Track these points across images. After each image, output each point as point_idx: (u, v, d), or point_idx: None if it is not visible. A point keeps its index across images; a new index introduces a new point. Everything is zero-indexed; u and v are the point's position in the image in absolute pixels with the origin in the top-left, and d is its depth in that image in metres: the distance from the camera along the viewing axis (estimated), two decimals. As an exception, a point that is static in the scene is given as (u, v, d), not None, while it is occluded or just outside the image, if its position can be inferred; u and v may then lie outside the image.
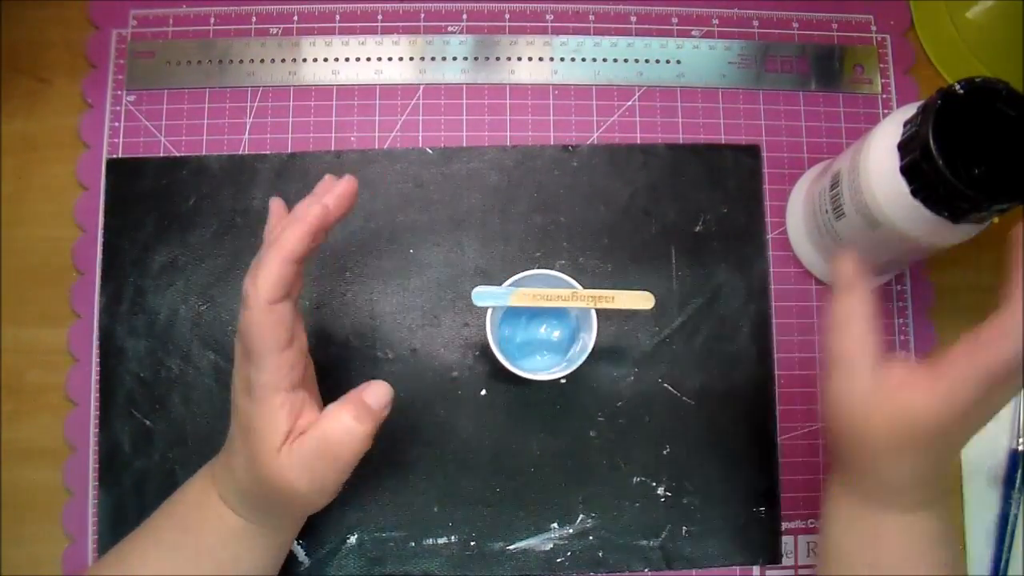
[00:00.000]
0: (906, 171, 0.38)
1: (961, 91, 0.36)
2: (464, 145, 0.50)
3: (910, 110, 0.38)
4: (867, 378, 0.34)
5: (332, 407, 0.36)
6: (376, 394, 0.37)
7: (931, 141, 0.35)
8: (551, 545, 0.46)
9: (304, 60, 0.50)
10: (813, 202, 0.46)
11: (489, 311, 0.43)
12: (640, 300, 0.42)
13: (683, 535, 0.47)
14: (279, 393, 0.34)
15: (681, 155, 0.50)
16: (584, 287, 0.42)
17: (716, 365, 0.48)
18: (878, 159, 0.39)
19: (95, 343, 0.47)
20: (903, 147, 0.38)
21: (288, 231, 0.34)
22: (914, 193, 0.38)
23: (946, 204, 0.37)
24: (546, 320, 0.47)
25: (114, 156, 0.49)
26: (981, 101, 0.36)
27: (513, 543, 0.46)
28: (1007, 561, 0.48)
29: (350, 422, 0.35)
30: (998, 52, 0.51)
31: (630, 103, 0.51)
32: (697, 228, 0.49)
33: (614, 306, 0.42)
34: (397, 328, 0.48)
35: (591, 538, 0.47)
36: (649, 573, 0.47)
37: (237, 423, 0.36)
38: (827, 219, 0.45)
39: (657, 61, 0.51)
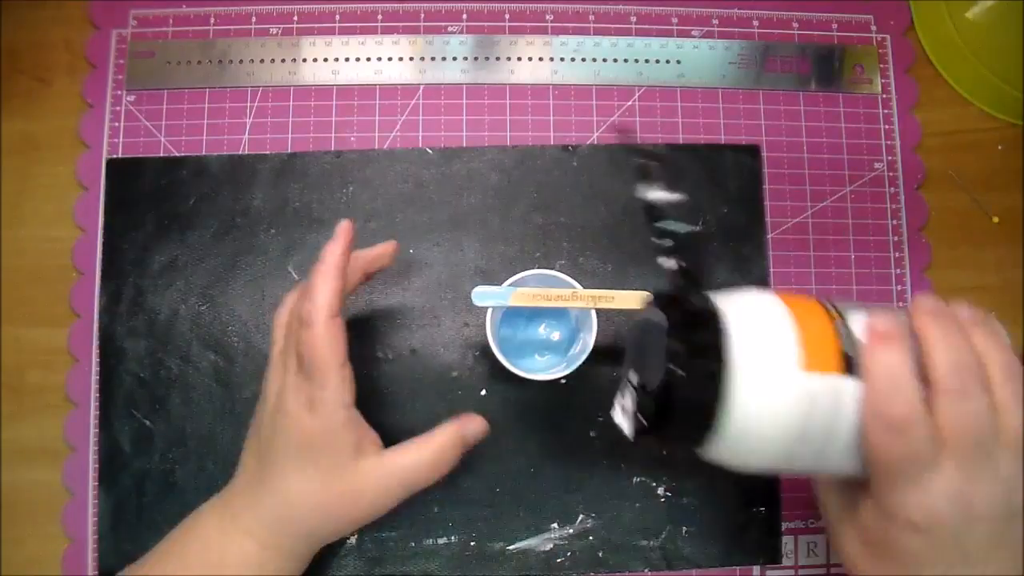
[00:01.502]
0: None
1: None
2: (464, 145, 0.50)
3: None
4: None
5: (436, 432, 0.38)
6: (476, 429, 0.40)
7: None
8: (551, 545, 0.46)
9: (304, 60, 0.50)
10: None
11: (489, 311, 0.43)
12: (640, 300, 0.42)
13: (683, 535, 0.47)
14: (345, 408, 0.36)
15: (681, 155, 0.50)
16: (584, 287, 0.42)
17: (716, 365, 0.48)
18: None
19: (95, 343, 0.47)
20: None
21: (326, 249, 0.37)
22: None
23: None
24: (546, 320, 0.47)
25: (114, 156, 0.49)
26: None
27: (513, 543, 0.46)
28: (1007, 561, 0.48)
29: (450, 447, 0.38)
30: (998, 52, 0.51)
31: (630, 103, 0.51)
32: (697, 228, 0.49)
33: (614, 306, 0.42)
34: (397, 328, 0.48)
35: (591, 538, 0.47)
36: (649, 573, 0.47)
37: (291, 445, 0.36)
38: None
39: (657, 61, 0.51)
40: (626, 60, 0.51)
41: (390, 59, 0.51)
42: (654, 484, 0.47)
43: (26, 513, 0.46)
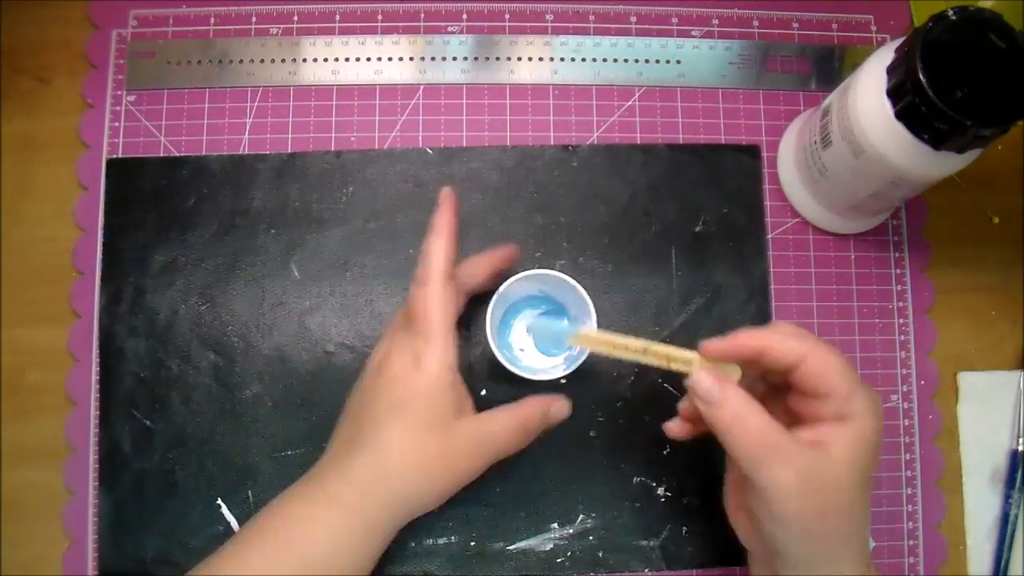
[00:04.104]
0: (892, 93, 0.38)
1: (954, 17, 0.36)
2: (464, 145, 0.50)
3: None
4: None
5: (524, 402, 0.40)
6: (561, 409, 0.41)
7: (918, 60, 0.36)
8: (551, 545, 0.46)
9: (304, 60, 0.50)
10: (803, 137, 0.47)
11: (489, 311, 0.43)
12: (728, 370, 0.38)
13: (683, 535, 0.47)
14: (451, 369, 0.37)
15: (681, 155, 0.50)
16: (584, 287, 0.42)
17: (716, 365, 0.48)
18: (867, 83, 0.40)
19: (95, 343, 0.47)
20: (891, 69, 0.38)
21: (436, 217, 0.39)
22: (898, 116, 0.38)
23: (927, 126, 0.37)
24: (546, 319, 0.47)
25: (114, 156, 0.49)
26: (973, 30, 0.36)
27: (513, 543, 0.46)
28: (1007, 561, 0.48)
29: (537, 418, 0.39)
30: (998, 52, 0.51)
31: (630, 103, 0.51)
32: (697, 228, 0.49)
33: (684, 369, 0.38)
34: (397, 328, 0.48)
35: (591, 538, 0.47)
36: (649, 573, 0.47)
37: (394, 402, 0.36)
38: (814, 149, 0.45)
39: (657, 61, 0.51)
40: (626, 60, 0.51)
41: (390, 59, 0.51)
42: (654, 484, 0.47)
43: (26, 513, 0.46)
